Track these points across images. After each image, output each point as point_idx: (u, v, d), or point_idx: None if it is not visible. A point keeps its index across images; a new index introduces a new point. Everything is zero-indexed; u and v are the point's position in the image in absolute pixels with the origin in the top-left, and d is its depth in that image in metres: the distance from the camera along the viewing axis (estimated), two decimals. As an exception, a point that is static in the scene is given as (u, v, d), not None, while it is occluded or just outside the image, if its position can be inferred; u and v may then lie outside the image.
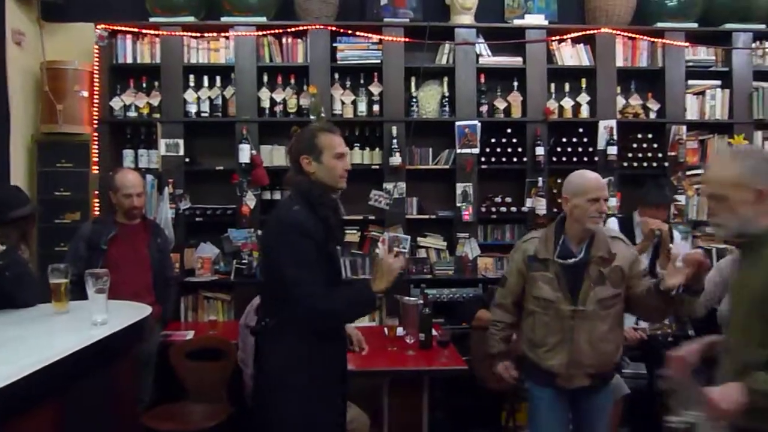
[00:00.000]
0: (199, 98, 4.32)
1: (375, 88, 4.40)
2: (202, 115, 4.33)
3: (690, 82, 4.58)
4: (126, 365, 2.41)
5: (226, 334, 3.71)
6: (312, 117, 4.23)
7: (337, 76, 4.38)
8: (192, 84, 4.29)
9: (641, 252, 3.64)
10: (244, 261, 4.22)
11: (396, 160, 4.28)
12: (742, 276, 1.84)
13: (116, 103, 4.30)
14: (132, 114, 4.33)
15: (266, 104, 4.34)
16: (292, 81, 4.37)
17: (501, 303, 2.75)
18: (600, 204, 2.51)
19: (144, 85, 4.34)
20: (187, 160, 4.33)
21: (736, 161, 1.79)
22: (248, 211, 4.26)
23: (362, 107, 4.40)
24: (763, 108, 4.55)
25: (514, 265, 2.69)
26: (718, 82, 4.62)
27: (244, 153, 4.22)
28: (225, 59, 4.35)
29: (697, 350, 1.94)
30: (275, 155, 4.39)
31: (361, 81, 4.41)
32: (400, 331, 3.45)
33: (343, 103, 4.39)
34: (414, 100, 4.43)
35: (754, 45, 4.61)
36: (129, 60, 4.34)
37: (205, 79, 4.34)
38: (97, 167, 4.24)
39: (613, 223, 3.88)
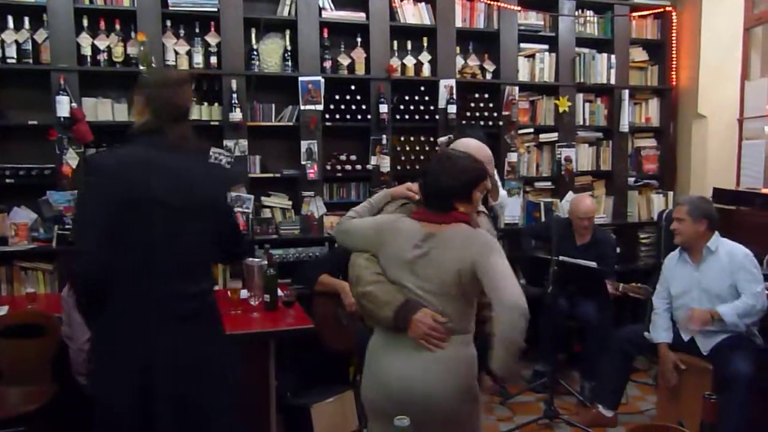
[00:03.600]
0: (3, 42, 3.76)
1: (212, 39, 4.12)
2: (8, 61, 3.78)
3: (522, 45, 4.83)
4: None
5: (48, 307, 3.35)
6: (141, 67, 3.88)
7: (169, 23, 4.04)
8: (-7, 25, 3.74)
9: None
10: (67, 226, 3.82)
11: (236, 116, 4.07)
12: None
13: None
14: None
15: (87, 51, 3.89)
16: (118, 27, 3.96)
17: None
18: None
19: (-69, 23, 3.71)
20: (-9, 113, 3.79)
21: None
22: (70, 171, 3.84)
23: (198, 59, 4.11)
24: (584, 72, 4.94)
25: None
26: (546, 47, 4.93)
27: (63, 106, 3.77)
28: (34, -3, 3.83)
29: None
30: (100, 109, 3.98)
31: (197, 30, 4.11)
32: (244, 293, 3.34)
33: (176, 53, 4.07)
34: (255, 53, 4.22)
35: (577, 13, 4.96)
36: None
37: (10, 19, 3.78)
38: None
39: None
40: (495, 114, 4.67)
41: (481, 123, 4.62)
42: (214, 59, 4.13)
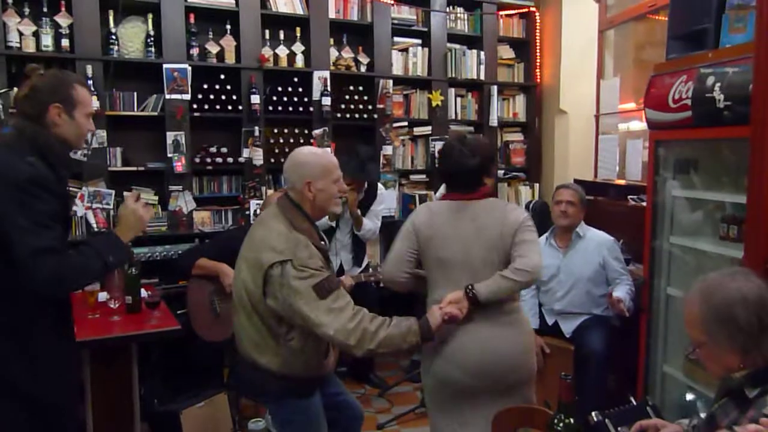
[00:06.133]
0: None
1: (63, 20, 3.78)
2: None
3: (395, 39, 4.87)
4: None
5: None
6: (-22, 49, 3.48)
7: (10, 0, 3.66)
8: None
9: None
10: None
11: (93, 104, 3.76)
12: None
13: None
14: None
15: None
16: (-53, 1, 3.53)
17: None
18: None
19: None
20: None
21: None
22: None
23: (47, 41, 3.75)
24: (455, 67, 5.07)
25: None
26: (419, 41, 5.00)
27: None
28: None
29: None
30: (-73, 94, 3.53)
31: (45, 9, 3.74)
32: (102, 296, 3.09)
33: (21, 34, 3.69)
34: (113, 36, 3.92)
35: (447, 9, 5.07)
36: None
37: None
38: None
39: None
40: (370, 107, 4.68)
41: (356, 116, 4.61)
42: (65, 42, 3.79)
